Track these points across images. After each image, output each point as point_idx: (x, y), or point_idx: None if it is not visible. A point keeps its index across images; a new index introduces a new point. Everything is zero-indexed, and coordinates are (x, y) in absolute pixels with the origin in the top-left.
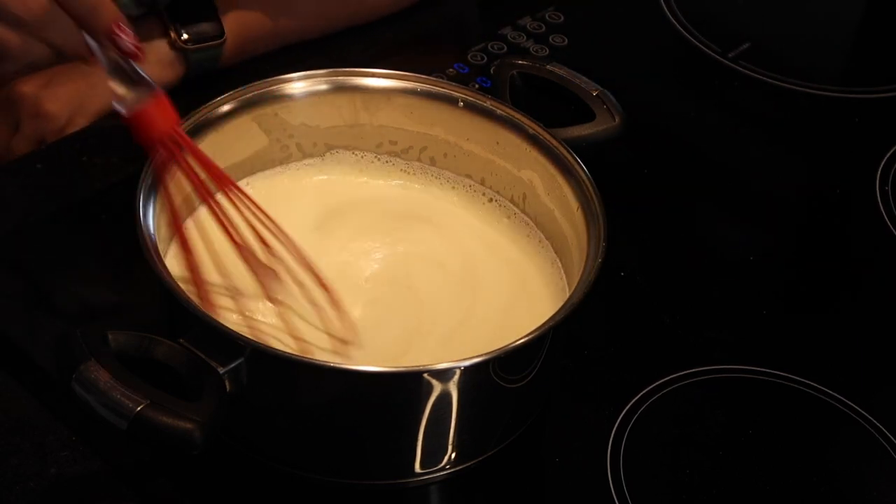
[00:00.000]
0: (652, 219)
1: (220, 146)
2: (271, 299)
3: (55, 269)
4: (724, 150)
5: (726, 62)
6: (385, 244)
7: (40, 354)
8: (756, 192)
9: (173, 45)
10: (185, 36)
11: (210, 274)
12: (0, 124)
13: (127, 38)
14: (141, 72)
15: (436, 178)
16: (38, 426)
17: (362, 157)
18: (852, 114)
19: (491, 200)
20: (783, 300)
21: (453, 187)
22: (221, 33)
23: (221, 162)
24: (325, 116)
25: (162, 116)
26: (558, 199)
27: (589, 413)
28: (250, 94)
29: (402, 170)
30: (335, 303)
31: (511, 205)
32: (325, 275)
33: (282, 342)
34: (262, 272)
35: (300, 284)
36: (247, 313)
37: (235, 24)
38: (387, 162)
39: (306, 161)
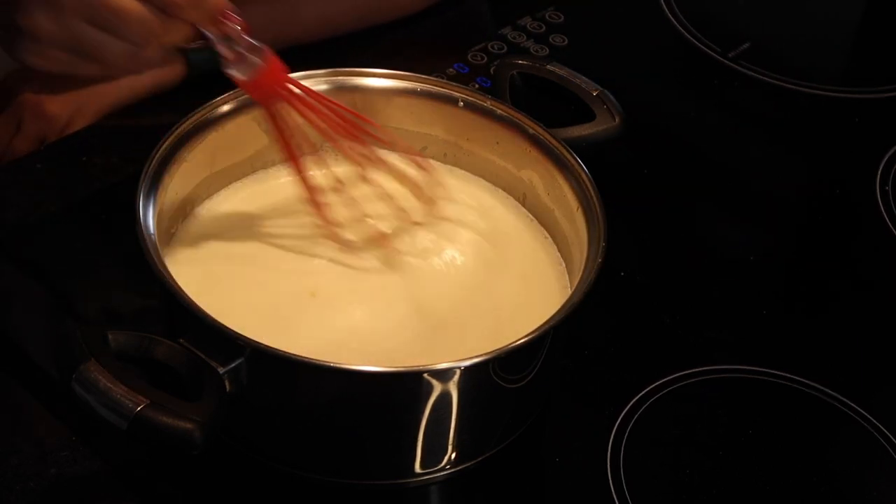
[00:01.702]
0: (652, 219)
1: (220, 146)
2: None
3: (55, 269)
4: (724, 150)
5: (726, 62)
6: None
7: (40, 354)
8: (756, 192)
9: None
10: None
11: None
12: (1, 125)
13: (233, 21)
14: (248, 39)
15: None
16: (38, 426)
17: None
18: (852, 114)
19: (496, 196)
20: (783, 300)
21: (460, 184)
22: None
23: (222, 162)
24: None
25: (274, 75)
26: (558, 199)
27: (589, 413)
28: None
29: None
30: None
31: (516, 203)
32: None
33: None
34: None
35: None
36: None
37: None
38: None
39: (306, 161)
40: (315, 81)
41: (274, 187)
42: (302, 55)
